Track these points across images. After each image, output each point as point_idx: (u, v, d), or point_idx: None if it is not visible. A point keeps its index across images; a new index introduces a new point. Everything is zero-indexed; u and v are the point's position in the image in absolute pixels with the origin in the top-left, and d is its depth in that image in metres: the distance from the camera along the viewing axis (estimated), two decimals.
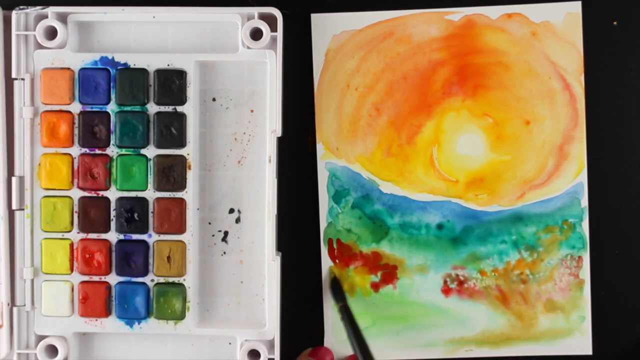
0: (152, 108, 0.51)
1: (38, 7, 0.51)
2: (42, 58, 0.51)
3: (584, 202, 0.53)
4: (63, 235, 0.52)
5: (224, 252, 0.52)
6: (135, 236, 0.52)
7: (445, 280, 0.53)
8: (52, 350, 0.52)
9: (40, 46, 0.51)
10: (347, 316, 0.51)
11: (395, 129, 0.53)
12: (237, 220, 0.52)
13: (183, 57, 0.51)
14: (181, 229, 0.51)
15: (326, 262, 0.53)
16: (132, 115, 0.51)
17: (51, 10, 0.50)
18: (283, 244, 0.53)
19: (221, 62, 0.51)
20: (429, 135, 0.53)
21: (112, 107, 0.51)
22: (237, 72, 0.52)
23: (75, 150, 0.51)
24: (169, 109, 0.51)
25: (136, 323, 0.52)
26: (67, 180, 0.51)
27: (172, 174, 0.51)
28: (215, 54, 0.51)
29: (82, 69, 0.51)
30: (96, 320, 0.52)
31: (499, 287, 0.53)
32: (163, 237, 0.51)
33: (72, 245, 0.52)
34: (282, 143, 0.52)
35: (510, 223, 0.53)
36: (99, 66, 0.51)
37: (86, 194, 0.52)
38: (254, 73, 0.52)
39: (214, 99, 0.52)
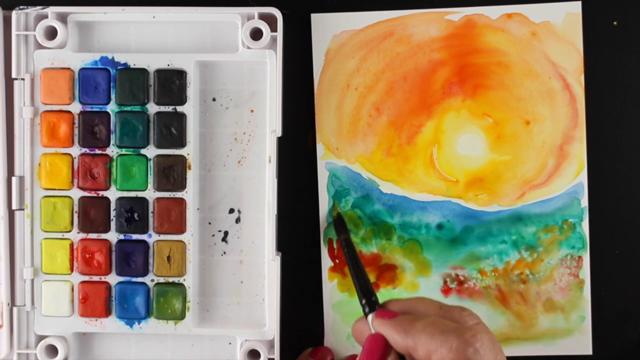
0: (152, 108, 0.51)
1: (38, 7, 0.51)
2: (42, 58, 0.51)
3: (584, 202, 0.53)
4: (63, 235, 0.52)
5: (224, 252, 0.52)
6: (135, 236, 0.52)
7: (445, 280, 0.53)
8: (52, 350, 0.52)
9: (40, 46, 0.51)
10: (349, 249, 0.50)
11: (395, 129, 0.53)
12: (237, 220, 0.52)
13: (183, 57, 0.51)
14: (181, 229, 0.51)
15: (326, 262, 0.53)
16: (132, 115, 0.51)
17: (51, 10, 0.50)
18: (283, 244, 0.53)
19: (221, 62, 0.51)
20: (429, 135, 0.53)
21: (112, 107, 0.51)
22: (237, 72, 0.52)
23: (75, 150, 0.51)
24: (169, 109, 0.51)
25: (136, 323, 0.52)
26: (67, 180, 0.51)
27: (172, 174, 0.51)
28: (215, 54, 0.51)
29: (82, 69, 0.51)
30: (96, 320, 0.52)
31: (498, 287, 0.53)
32: (163, 237, 0.51)
33: (72, 245, 0.52)
34: (282, 143, 0.52)
35: (510, 223, 0.53)
36: (99, 66, 0.51)
37: (86, 194, 0.52)
38: (254, 73, 0.52)
39: (214, 99, 0.52)
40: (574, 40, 0.52)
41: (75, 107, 0.51)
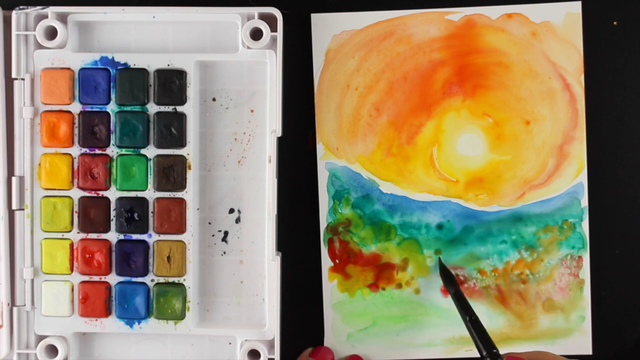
0: (152, 108, 0.51)
1: (38, 7, 0.51)
2: (42, 58, 0.51)
3: (584, 202, 0.53)
4: (63, 235, 0.52)
5: (224, 252, 0.52)
6: (135, 236, 0.52)
7: None
8: (52, 350, 0.52)
9: (40, 46, 0.51)
10: (461, 303, 0.50)
11: (395, 129, 0.53)
12: (237, 220, 0.52)
13: (183, 57, 0.51)
14: (181, 229, 0.51)
15: (326, 262, 0.53)
16: (132, 115, 0.51)
17: (51, 10, 0.50)
18: (283, 244, 0.53)
19: (221, 62, 0.51)
20: (429, 135, 0.53)
21: (112, 107, 0.51)
22: (237, 72, 0.52)
23: (75, 150, 0.51)
24: (169, 109, 0.51)
25: (136, 323, 0.52)
26: (67, 180, 0.51)
27: (172, 174, 0.51)
28: (215, 54, 0.51)
29: (82, 69, 0.51)
30: (96, 320, 0.52)
31: (498, 287, 0.53)
32: (163, 237, 0.51)
33: (72, 245, 0.52)
34: (282, 143, 0.52)
35: (510, 223, 0.53)
36: (99, 66, 0.51)
37: (86, 194, 0.52)
38: (254, 73, 0.52)
39: (214, 99, 0.52)
40: (574, 40, 0.52)
41: (75, 107, 0.51)
